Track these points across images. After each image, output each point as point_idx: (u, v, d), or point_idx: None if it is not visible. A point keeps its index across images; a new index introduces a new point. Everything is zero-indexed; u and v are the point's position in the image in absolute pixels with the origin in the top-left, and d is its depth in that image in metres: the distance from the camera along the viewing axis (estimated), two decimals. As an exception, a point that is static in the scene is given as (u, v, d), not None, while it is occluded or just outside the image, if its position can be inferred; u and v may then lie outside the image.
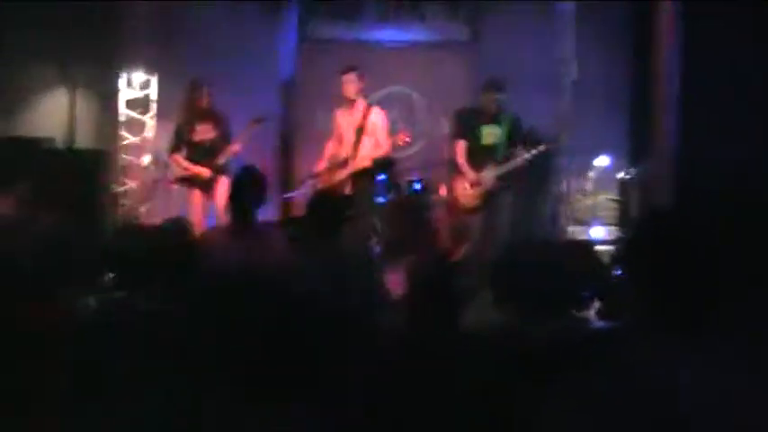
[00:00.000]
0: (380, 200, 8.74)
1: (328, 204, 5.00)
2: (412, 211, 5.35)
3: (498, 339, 3.31)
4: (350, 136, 8.52)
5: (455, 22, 11.46)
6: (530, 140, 8.88)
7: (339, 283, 4.57)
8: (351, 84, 8.51)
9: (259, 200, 5.42)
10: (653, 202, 7.23)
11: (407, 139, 8.53)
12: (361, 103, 8.59)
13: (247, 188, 5.37)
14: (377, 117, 8.58)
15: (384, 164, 8.89)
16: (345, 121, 8.60)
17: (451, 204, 8.97)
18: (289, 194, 10.97)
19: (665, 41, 6.91)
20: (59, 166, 9.11)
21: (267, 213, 10.78)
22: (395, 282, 5.11)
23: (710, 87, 7.16)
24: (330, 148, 8.88)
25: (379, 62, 11.18)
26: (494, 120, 8.53)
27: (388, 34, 11.55)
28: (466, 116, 8.81)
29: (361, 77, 8.55)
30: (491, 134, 8.52)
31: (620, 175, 9.35)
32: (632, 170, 9.28)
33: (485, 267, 8.28)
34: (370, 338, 4.53)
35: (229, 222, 5.53)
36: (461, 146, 8.58)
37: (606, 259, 8.06)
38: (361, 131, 8.50)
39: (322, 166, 8.84)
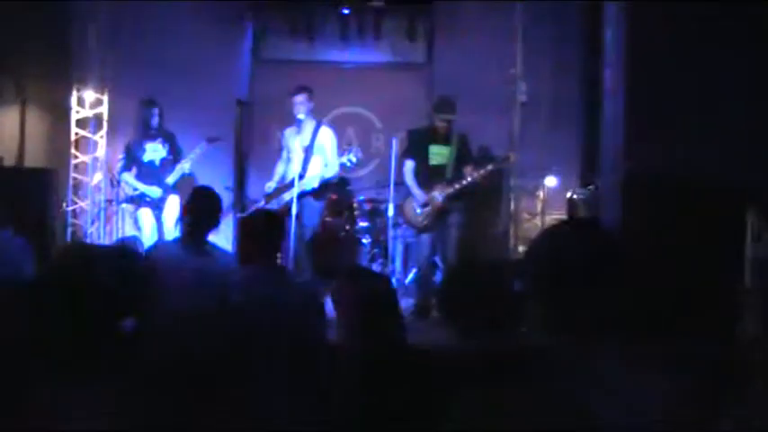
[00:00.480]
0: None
1: (259, 227, 4.96)
2: (333, 240, 5.35)
3: (438, 354, 3.34)
4: (299, 155, 8.50)
5: (412, 43, 11.52)
6: (480, 160, 8.92)
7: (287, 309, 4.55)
8: (300, 104, 8.51)
9: (214, 221, 5.38)
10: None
11: (354, 159, 8.51)
12: (310, 123, 8.59)
13: (202, 208, 5.33)
14: (326, 136, 8.58)
15: (332, 183, 8.89)
16: (294, 140, 8.59)
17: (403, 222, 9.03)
18: (242, 215, 10.95)
19: (610, 59, 6.97)
20: (7, 184, 8.99)
21: (221, 234, 10.83)
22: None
23: (656, 103, 7.20)
24: (280, 168, 8.87)
25: (335, 82, 11.24)
26: (443, 140, 8.54)
27: (344, 55, 11.62)
28: (415, 136, 8.83)
29: (310, 97, 8.55)
30: (440, 154, 8.54)
31: (569, 194, 9.40)
32: (580, 190, 9.34)
33: (433, 287, 8.36)
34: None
35: (181, 241, 5.44)
36: (409, 165, 8.60)
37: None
38: (311, 151, 8.49)
39: (271, 185, 8.82)
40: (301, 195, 8.33)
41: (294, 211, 8.22)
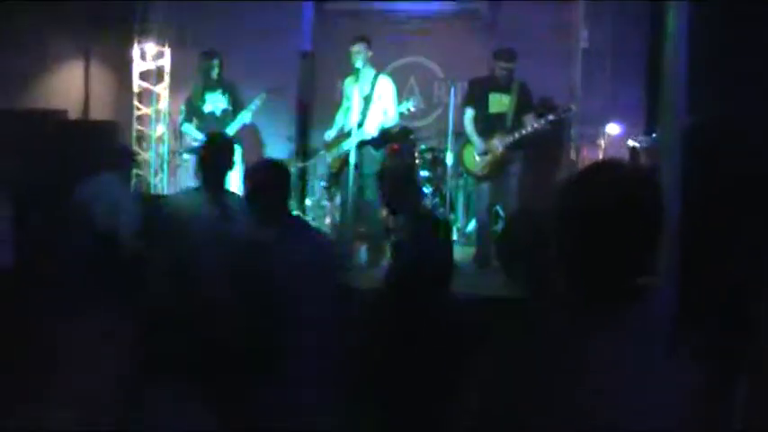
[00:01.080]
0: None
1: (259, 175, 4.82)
2: (396, 174, 5.31)
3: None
4: (358, 104, 8.49)
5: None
6: (541, 109, 8.83)
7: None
8: (358, 53, 8.48)
9: (228, 164, 5.37)
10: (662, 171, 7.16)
11: (412, 107, 8.47)
12: (369, 73, 8.56)
13: (217, 153, 5.32)
14: (385, 85, 8.56)
15: (393, 132, 8.88)
16: (354, 89, 8.58)
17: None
18: (303, 164, 11.02)
19: (676, 9, 6.82)
20: (73, 137, 9.12)
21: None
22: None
23: (721, 57, 7.07)
24: (340, 118, 8.88)
25: (398, 33, 11.21)
26: (503, 88, 8.48)
27: (407, 5, 11.52)
28: (476, 85, 8.78)
29: (368, 47, 8.51)
30: (500, 103, 8.48)
31: (630, 142, 9.25)
32: (642, 138, 9.19)
33: (493, 236, 8.34)
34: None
35: (201, 187, 5.42)
36: (469, 114, 8.55)
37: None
38: (370, 100, 8.47)
39: (331, 135, 8.84)
40: (361, 144, 8.34)
41: (353, 159, 8.24)
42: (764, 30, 7.30)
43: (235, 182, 8.87)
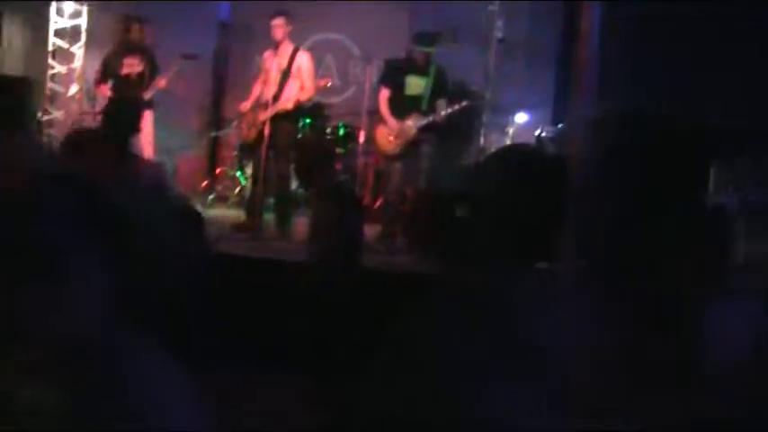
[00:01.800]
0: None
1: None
2: (309, 148, 5.39)
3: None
4: (276, 78, 8.57)
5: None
6: (456, 94, 9.01)
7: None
8: (279, 27, 8.55)
9: (132, 127, 5.34)
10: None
11: (329, 83, 8.60)
12: (288, 47, 8.64)
13: (122, 114, 5.30)
14: (303, 60, 8.63)
15: (307, 107, 8.99)
16: (272, 63, 8.64)
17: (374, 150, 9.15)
18: (216, 133, 11.07)
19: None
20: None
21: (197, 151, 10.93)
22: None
23: (630, 48, 7.31)
24: (256, 89, 8.94)
25: (318, 9, 11.24)
26: (421, 71, 8.62)
27: (329, -19, 11.58)
28: (393, 65, 8.93)
29: (288, 21, 8.58)
30: (416, 85, 8.61)
31: (538, 132, 9.51)
32: (549, 128, 9.45)
33: (400, 214, 8.51)
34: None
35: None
36: (385, 93, 8.67)
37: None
38: (287, 74, 8.56)
39: (247, 106, 8.90)
40: (275, 117, 8.42)
41: (267, 131, 8.31)
42: (675, 22, 7.59)
43: (146, 145, 8.93)
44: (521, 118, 9.79)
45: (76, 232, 1.60)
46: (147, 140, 9.01)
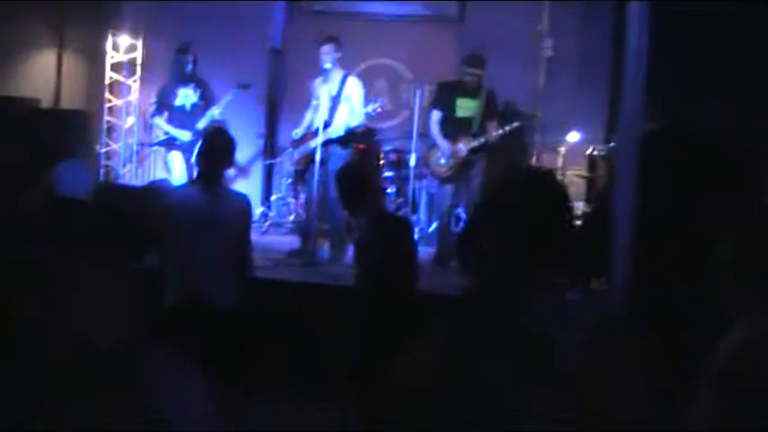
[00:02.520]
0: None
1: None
2: (351, 175, 5.39)
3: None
4: (326, 104, 8.64)
5: (445, -2, 11.57)
6: (506, 115, 9.02)
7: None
8: (326, 54, 8.63)
9: (227, 161, 5.41)
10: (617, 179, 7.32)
11: (378, 108, 8.64)
12: (338, 73, 8.71)
13: (216, 148, 5.35)
14: (353, 86, 8.70)
15: (358, 132, 9.04)
16: (322, 89, 8.72)
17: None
18: (270, 161, 11.17)
19: (635, 17, 6.97)
20: (44, 126, 9.19)
21: (251, 178, 11.05)
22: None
23: (679, 65, 7.25)
24: (307, 117, 9.02)
25: (368, 34, 11.34)
26: (471, 93, 8.68)
27: (379, 7, 11.67)
28: (444, 88, 8.98)
29: (337, 48, 8.65)
30: (466, 107, 8.67)
31: (590, 150, 9.46)
32: (601, 146, 9.40)
33: (454, 237, 8.53)
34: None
35: (196, 181, 5.49)
36: (436, 116, 8.74)
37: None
38: (337, 100, 8.62)
39: (299, 133, 8.98)
40: (327, 143, 8.48)
41: (319, 157, 8.38)
42: (724, 38, 7.52)
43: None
44: (573, 137, 9.74)
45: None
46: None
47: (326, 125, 8.51)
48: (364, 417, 4.68)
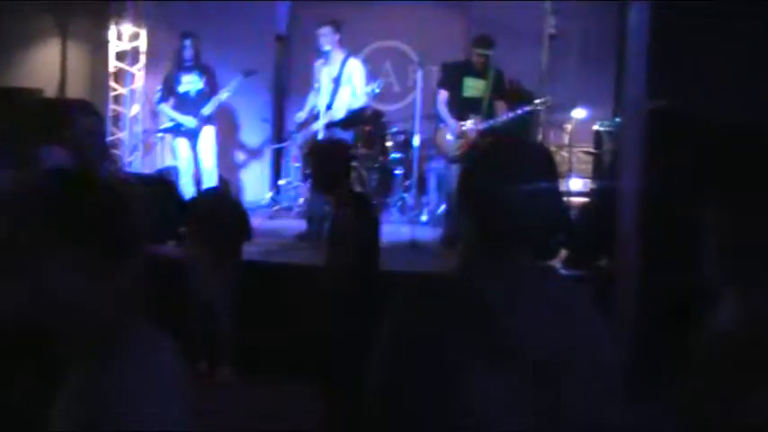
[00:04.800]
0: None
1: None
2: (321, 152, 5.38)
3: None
4: (327, 87, 8.62)
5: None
6: (514, 94, 8.97)
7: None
8: (324, 36, 8.61)
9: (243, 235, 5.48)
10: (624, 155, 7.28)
11: (377, 89, 8.62)
12: (338, 55, 8.68)
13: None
14: (354, 68, 8.67)
15: (364, 114, 9.01)
16: (323, 72, 8.70)
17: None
18: (278, 145, 11.16)
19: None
20: (48, 115, 9.17)
21: (261, 165, 11.03)
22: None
23: (681, 41, 7.17)
24: (309, 100, 9.00)
25: (374, 17, 11.30)
26: (478, 73, 8.62)
27: (383, -10, 11.63)
28: (450, 69, 8.94)
29: (335, 30, 8.62)
30: (474, 87, 8.62)
31: (596, 127, 9.40)
32: (607, 122, 9.34)
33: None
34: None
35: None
36: (443, 95, 8.69)
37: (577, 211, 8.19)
38: (338, 83, 8.60)
39: (302, 117, 8.97)
40: (329, 125, 8.48)
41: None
42: (731, 18, 7.43)
43: (208, 159, 9.05)
44: (579, 113, 9.68)
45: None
46: (208, 155, 9.15)
47: (328, 107, 8.51)
48: (335, 405, 4.72)
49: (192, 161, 9.25)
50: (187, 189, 9.15)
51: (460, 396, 1.85)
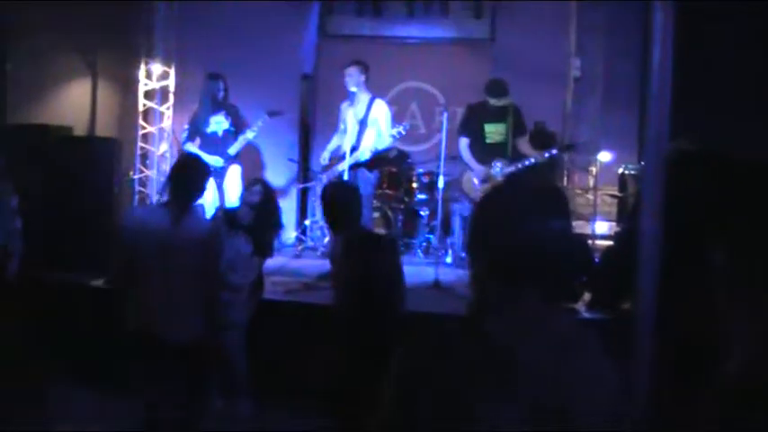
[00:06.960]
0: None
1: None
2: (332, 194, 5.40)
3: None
4: (353, 128, 8.67)
5: (477, 20, 11.56)
6: (539, 137, 8.96)
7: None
8: (350, 77, 8.68)
9: (199, 187, 5.39)
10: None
11: (403, 132, 8.65)
12: (364, 96, 8.73)
13: (188, 173, 5.31)
14: (380, 110, 8.72)
15: (389, 155, 9.04)
16: (349, 113, 8.75)
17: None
18: (303, 185, 11.20)
19: (660, 37, 6.93)
20: (77, 153, 9.25)
21: (286, 204, 11.08)
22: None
23: (704, 84, 7.20)
24: (333, 141, 9.06)
25: (400, 58, 11.38)
26: (498, 118, 8.61)
27: (409, 30, 11.70)
28: (472, 112, 8.89)
29: (361, 71, 8.69)
30: (496, 132, 8.62)
31: (620, 170, 9.40)
32: (632, 165, 9.33)
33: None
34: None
35: (168, 203, 5.40)
36: (464, 142, 8.70)
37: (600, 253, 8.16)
38: (364, 123, 8.64)
39: (325, 158, 9.02)
40: (354, 166, 8.51)
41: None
42: (752, 55, 7.45)
43: (234, 199, 9.09)
44: (604, 156, 9.69)
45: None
46: (234, 194, 9.19)
47: (354, 149, 8.54)
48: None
49: (219, 200, 9.30)
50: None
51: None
